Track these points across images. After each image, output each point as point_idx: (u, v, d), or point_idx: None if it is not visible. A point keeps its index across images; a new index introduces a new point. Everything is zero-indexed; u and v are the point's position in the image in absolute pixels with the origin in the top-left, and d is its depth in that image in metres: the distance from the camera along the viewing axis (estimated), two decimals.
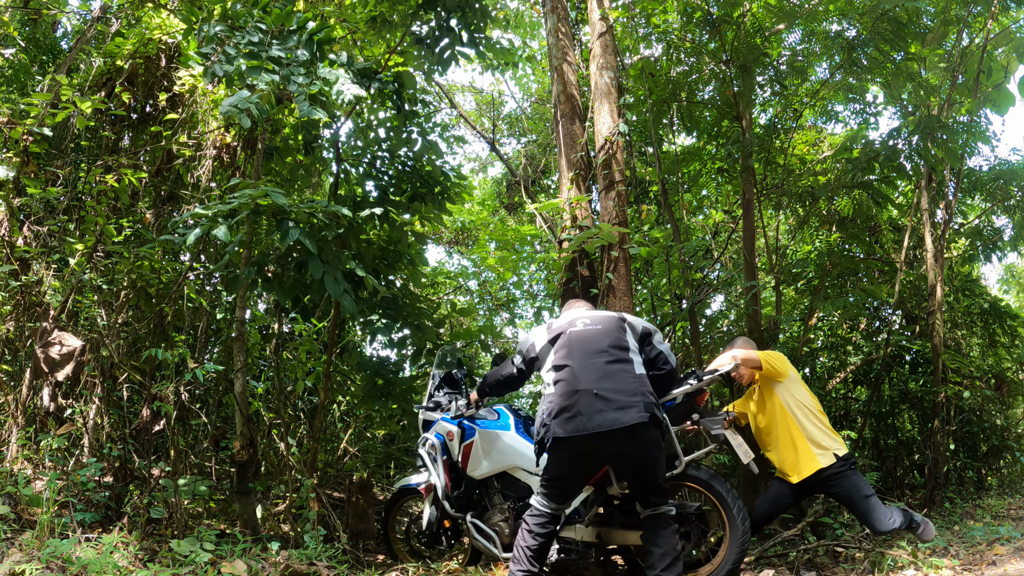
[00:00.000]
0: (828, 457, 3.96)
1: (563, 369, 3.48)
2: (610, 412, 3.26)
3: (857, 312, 7.38)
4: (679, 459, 3.70)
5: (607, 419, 3.25)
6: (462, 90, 12.32)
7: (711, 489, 3.72)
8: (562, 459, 3.42)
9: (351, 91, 4.01)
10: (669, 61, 6.84)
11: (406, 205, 5.19)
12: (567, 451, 3.38)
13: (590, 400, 3.31)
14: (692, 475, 3.76)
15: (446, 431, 4.41)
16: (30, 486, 3.89)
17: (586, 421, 3.27)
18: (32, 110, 5.10)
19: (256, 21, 4.19)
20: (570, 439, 3.30)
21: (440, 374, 4.78)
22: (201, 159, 5.74)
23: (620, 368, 3.44)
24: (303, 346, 5.97)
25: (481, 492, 4.33)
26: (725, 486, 3.72)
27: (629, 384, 3.37)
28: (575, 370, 3.43)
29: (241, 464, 4.60)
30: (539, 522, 3.47)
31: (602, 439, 3.27)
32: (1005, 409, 7.83)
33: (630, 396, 3.31)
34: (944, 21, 6.07)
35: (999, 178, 7.44)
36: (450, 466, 4.39)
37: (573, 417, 3.30)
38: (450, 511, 4.29)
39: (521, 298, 9.75)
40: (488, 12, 5.23)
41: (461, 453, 4.30)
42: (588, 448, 3.33)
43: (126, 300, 5.36)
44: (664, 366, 3.65)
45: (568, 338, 3.58)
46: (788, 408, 4.09)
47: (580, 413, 3.29)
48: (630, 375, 3.43)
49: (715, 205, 9.38)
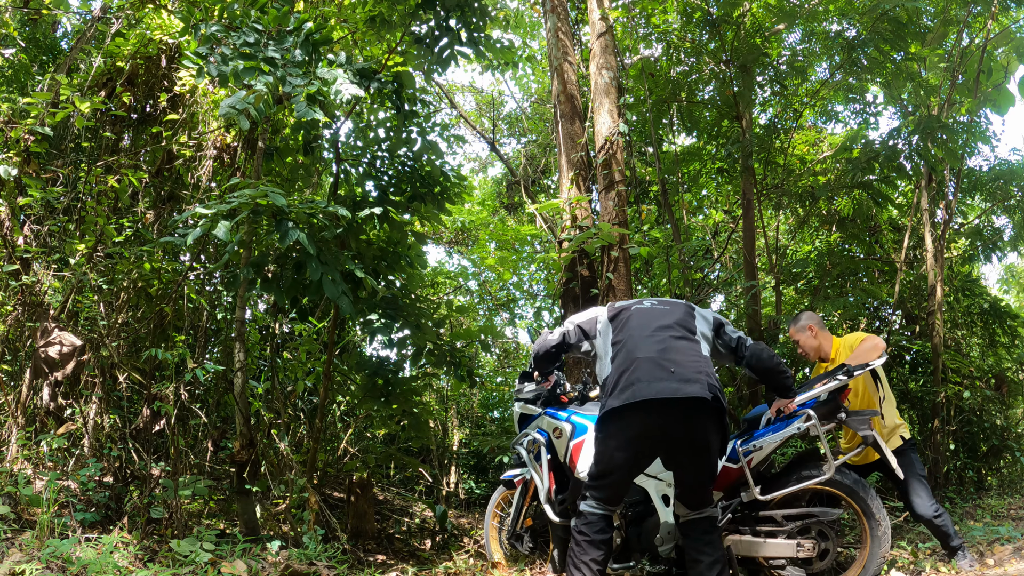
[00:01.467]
0: (896, 441, 3.94)
1: (620, 343, 3.21)
2: (673, 381, 2.94)
3: (857, 312, 7.38)
4: (829, 462, 3.40)
5: (667, 387, 2.92)
6: (462, 90, 12.32)
7: (855, 496, 3.46)
8: (613, 441, 3.08)
9: (350, 91, 4.01)
10: (669, 61, 6.84)
11: (406, 205, 5.19)
12: (620, 426, 3.04)
13: (649, 367, 3.00)
14: (837, 480, 3.45)
15: (552, 428, 3.99)
16: (30, 486, 3.89)
17: (645, 387, 2.94)
18: (32, 110, 5.11)
19: (253, 21, 4.19)
20: (624, 409, 2.98)
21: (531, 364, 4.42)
22: (201, 159, 5.74)
23: (686, 344, 3.15)
24: (303, 346, 5.97)
25: None
26: (870, 493, 3.46)
27: (694, 361, 3.07)
28: (636, 340, 3.15)
29: (241, 464, 4.60)
30: (596, 528, 3.11)
31: (660, 411, 2.95)
32: (1005, 409, 7.82)
33: (695, 372, 3.00)
34: (944, 21, 6.07)
35: (999, 178, 7.43)
36: (555, 466, 4.01)
37: (631, 385, 2.98)
38: (552, 516, 3.87)
39: (521, 298, 9.76)
40: (487, 11, 5.23)
41: (570, 452, 3.87)
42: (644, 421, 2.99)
43: (126, 300, 5.36)
44: (744, 351, 3.34)
45: (631, 313, 3.33)
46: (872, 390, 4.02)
47: (639, 379, 2.97)
48: (696, 353, 3.13)
49: (715, 205, 9.39)
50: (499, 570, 4.21)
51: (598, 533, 3.12)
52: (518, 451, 4.21)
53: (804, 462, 3.58)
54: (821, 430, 3.34)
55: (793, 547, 3.42)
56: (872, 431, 3.47)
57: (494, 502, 4.57)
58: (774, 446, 3.46)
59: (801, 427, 3.41)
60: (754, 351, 3.33)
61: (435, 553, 5.23)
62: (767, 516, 3.53)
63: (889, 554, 3.53)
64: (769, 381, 3.46)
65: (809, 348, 4.20)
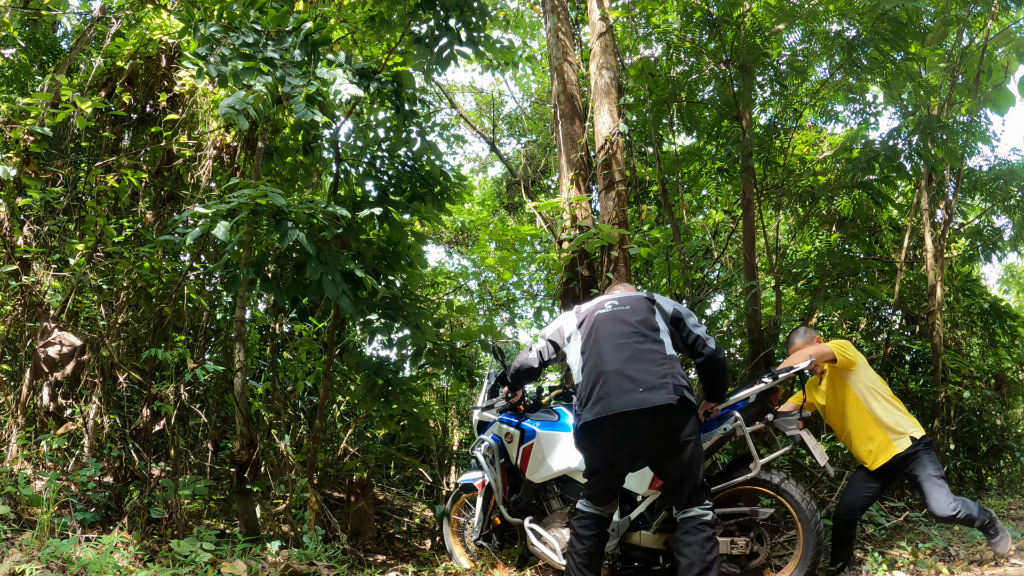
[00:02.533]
0: (904, 441, 3.88)
1: (588, 352, 3.33)
2: (636, 392, 3.09)
3: (857, 312, 7.38)
4: (754, 461, 3.55)
5: (634, 399, 3.08)
6: (462, 90, 12.32)
7: (784, 494, 3.56)
8: (593, 449, 3.28)
9: (349, 91, 4.01)
10: (669, 61, 6.84)
11: (406, 205, 5.19)
12: (595, 437, 3.22)
13: (617, 380, 3.15)
14: (764, 479, 3.59)
15: (504, 433, 4.21)
16: (30, 486, 3.90)
17: (613, 402, 3.10)
18: (32, 110, 5.11)
19: (252, 22, 4.19)
20: (597, 422, 3.14)
21: (496, 373, 4.55)
22: (201, 159, 5.74)
23: (648, 348, 3.25)
24: (303, 346, 5.97)
25: (540, 496, 4.16)
26: (799, 490, 3.56)
27: (657, 365, 3.18)
28: (601, 352, 3.27)
29: (241, 464, 4.60)
30: (584, 524, 3.31)
31: (629, 421, 3.10)
32: (1005, 409, 7.83)
33: (659, 377, 3.13)
34: (944, 21, 6.07)
35: (999, 178, 7.43)
36: (508, 469, 4.21)
37: (600, 399, 3.14)
38: (507, 516, 4.12)
39: (521, 298, 9.75)
40: (487, 11, 5.23)
41: (520, 456, 4.11)
42: (616, 432, 3.16)
43: (126, 300, 5.36)
44: (703, 350, 3.41)
45: (594, 320, 3.43)
46: (861, 396, 3.99)
47: (607, 394, 3.13)
48: (659, 356, 3.24)
49: (715, 205, 9.39)
50: (499, 570, 4.21)
51: (584, 528, 3.30)
52: (475, 456, 4.37)
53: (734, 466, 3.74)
54: (747, 431, 3.52)
55: (727, 544, 3.55)
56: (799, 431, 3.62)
57: (451, 507, 4.68)
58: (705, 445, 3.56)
59: (728, 428, 3.58)
60: (711, 355, 3.42)
61: (435, 553, 5.22)
62: None
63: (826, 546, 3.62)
64: (710, 385, 3.55)
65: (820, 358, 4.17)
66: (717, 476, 3.74)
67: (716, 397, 3.61)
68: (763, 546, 3.57)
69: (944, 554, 4.30)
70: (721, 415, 3.66)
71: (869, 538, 4.75)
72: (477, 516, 4.36)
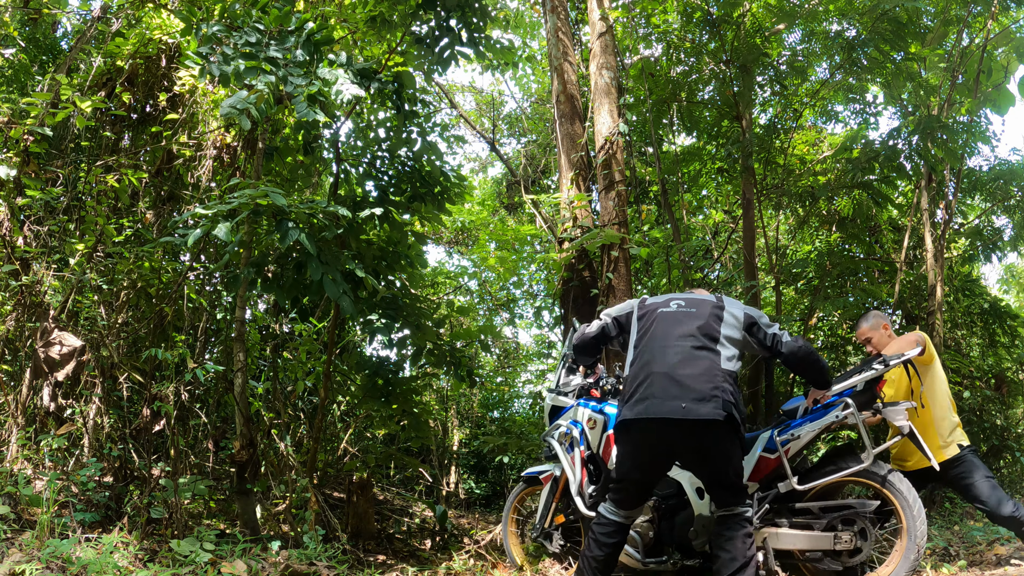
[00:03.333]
0: (952, 449, 3.78)
1: (641, 347, 3.21)
2: (684, 400, 2.94)
3: (857, 312, 7.38)
4: (867, 451, 3.34)
5: (678, 408, 2.93)
6: (462, 90, 12.33)
7: (890, 486, 3.37)
8: (627, 450, 3.14)
9: (350, 91, 4.01)
10: (669, 61, 6.84)
11: (406, 205, 5.19)
12: (632, 438, 3.09)
13: (664, 383, 3.00)
14: (871, 471, 3.39)
15: (587, 418, 3.94)
16: (30, 486, 3.89)
17: (658, 404, 2.96)
18: (32, 110, 5.10)
19: (254, 21, 4.19)
20: (636, 422, 3.01)
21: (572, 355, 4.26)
22: (201, 159, 5.74)
23: (704, 356, 3.09)
24: (303, 346, 5.97)
25: None
26: (906, 484, 3.37)
27: (710, 376, 3.02)
28: (654, 350, 3.14)
29: (241, 464, 4.60)
30: (606, 531, 3.17)
31: (671, 429, 2.97)
32: (1005, 409, 7.83)
33: (710, 389, 2.97)
34: (944, 21, 6.07)
35: (999, 178, 7.43)
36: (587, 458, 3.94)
37: (644, 399, 3.00)
38: (583, 510, 3.84)
39: (521, 298, 9.75)
40: (488, 12, 5.23)
41: (603, 444, 3.83)
42: (654, 437, 3.03)
43: (126, 300, 5.36)
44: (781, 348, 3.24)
45: (656, 316, 3.29)
46: (930, 394, 3.89)
47: (653, 396, 2.99)
48: (713, 366, 3.07)
49: (715, 205, 9.39)
50: (499, 570, 4.21)
51: (605, 536, 3.16)
52: (549, 443, 4.13)
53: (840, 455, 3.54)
54: (859, 418, 3.31)
55: (831, 539, 3.36)
56: (908, 422, 3.41)
57: (512, 501, 4.46)
58: (812, 435, 3.43)
59: (840, 415, 3.38)
60: (791, 349, 3.25)
61: (435, 553, 5.22)
62: (804, 508, 3.47)
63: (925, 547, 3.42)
64: (807, 375, 3.40)
65: (882, 347, 4.04)
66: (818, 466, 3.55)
67: (820, 384, 3.42)
68: (866, 542, 3.38)
69: (944, 554, 4.30)
70: (829, 402, 3.47)
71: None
72: (539, 511, 4.16)
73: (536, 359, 10.67)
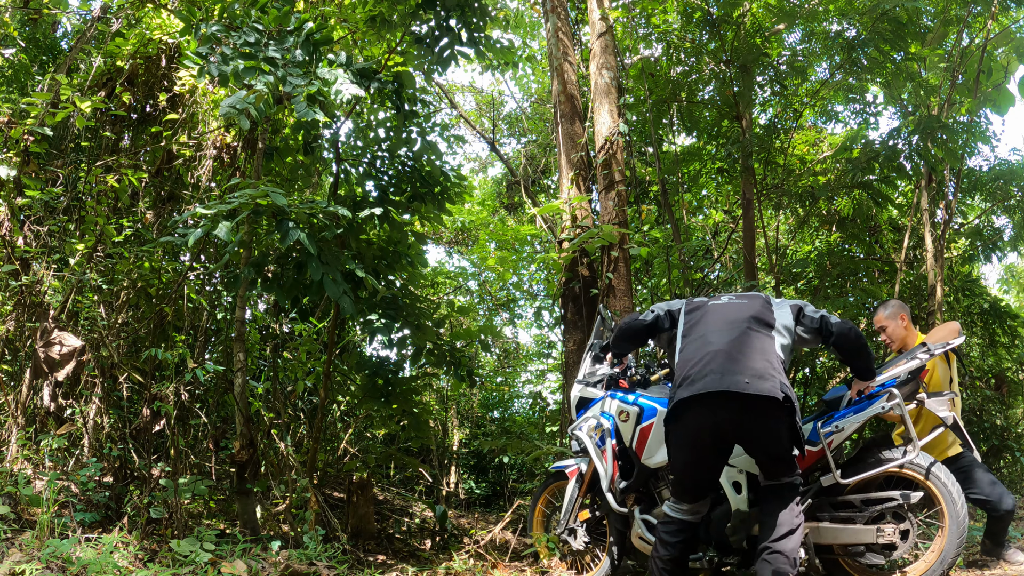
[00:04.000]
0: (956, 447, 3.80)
1: (693, 334, 3.16)
2: (744, 376, 2.86)
3: (857, 312, 7.38)
4: (914, 443, 3.22)
5: (739, 381, 2.85)
6: (462, 90, 12.32)
7: (933, 478, 3.27)
8: (684, 433, 3.03)
9: (350, 91, 4.01)
10: (669, 61, 6.84)
11: (406, 205, 5.20)
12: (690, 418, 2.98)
13: (723, 360, 2.94)
14: (916, 463, 3.28)
15: (619, 411, 3.80)
16: (30, 486, 3.89)
17: (718, 379, 2.87)
18: (32, 110, 5.10)
19: (253, 21, 4.19)
20: (696, 399, 2.90)
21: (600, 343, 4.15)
22: (201, 159, 5.74)
23: (759, 338, 3.07)
24: (303, 346, 5.97)
25: (650, 483, 3.77)
26: (950, 477, 3.27)
27: (766, 357, 2.99)
28: (706, 333, 3.11)
29: (241, 464, 4.60)
30: (670, 530, 3.12)
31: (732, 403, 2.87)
32: (1005, 409, 7.83)
33: (768, 368, 2.93)
34: (944, 21, 6.08)
35: (999, 178, 7.44)
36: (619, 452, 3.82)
37: (703, 376, 2.92)
38: (614, 505, 3.74)
39: (521, 298, 9.76)
40: (488, 11, 5.23)
41: (637, 437, 3.69)
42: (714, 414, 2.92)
43: (126, 300, 5.36)
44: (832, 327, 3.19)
45: (707, 307, 3.29)
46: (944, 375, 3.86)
47: (712, 371, 2.91)
48: (769, 349, 3.04)
49: (715, 205, 9.39)
50: (499, 570, 4.21)
51: (669, 534, 3.14)
52: (577, 437, 4.00)
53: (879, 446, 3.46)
54: (904, 410, 3.22)
55: (873, 532, 3.25)
56: (952, 412, 3.35)
57: (540, 497, 4.36)
58: (856, 426, 3.35)
59: (885, 407, 3.29)
60: (841, 330, 3.20)
61: (435, 553, 5.22)
62: (845, 501, 3.38)
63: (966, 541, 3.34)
64: (854, 361, 3.33)
65: (896, 337, 4.01)
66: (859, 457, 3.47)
67: (866, 374, 3.34)
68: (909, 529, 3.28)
69: None
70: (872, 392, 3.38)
71: None
72: (565, 508, 4.04)
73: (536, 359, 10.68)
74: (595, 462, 3.86)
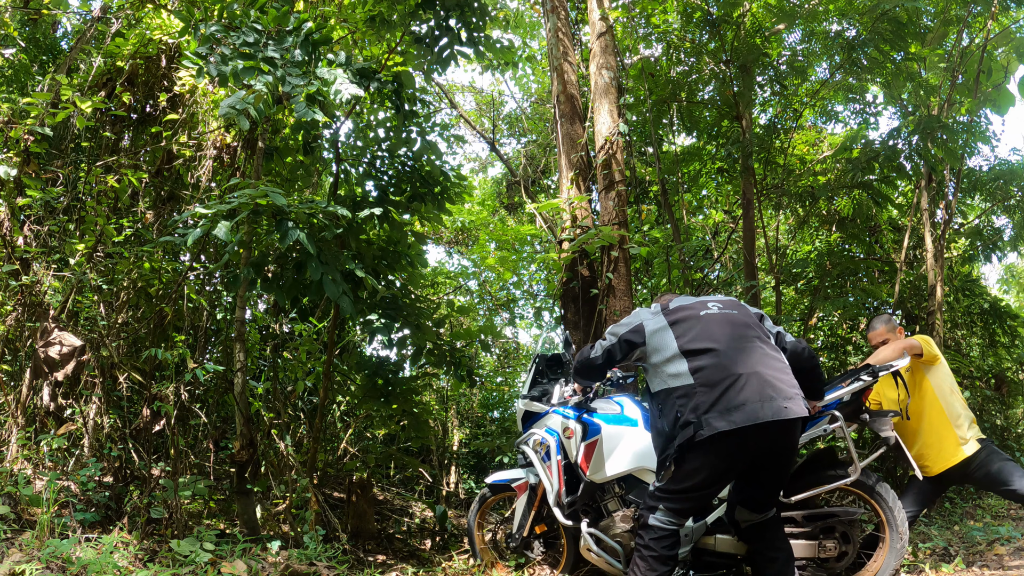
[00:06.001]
0: (973, 445, 3.76)
1: (706, 354, 2.94)
2: (780, 400, 2.79)
3: (857, 312, 7.38)
4: (854, 464, 3.30)
5: (778, 408, 2.76)
6: (462, 90, 12.32)
7: (878, 497, 3.41)
8: (715, 460, 2.88)
9: (349, 91, 4.01)
10: (669, 61, 6.84)
11: (406, 205, 5.20)
12: (727, 448, 2.84)
13: (759, 385, 2.81)
14: (860, 480, 3.39)
15: (563, 427, 3.82)
16: (30, 486, 3.89)
17: (759, 409, 2.75)
18: (32, 110, 5.11)
19: (252, 21, 4.19)
20: (737, 432, 2.76)
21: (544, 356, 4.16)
22: (201, 159, 5.74)
23: (774, 355, 2.98)
24: (303, 346, 5.97)
25: (597, 497, 3.79)
26: (891, 494, 3.41)
27: (787, 374, 2.93)
28: (727, 352, 2.92)
29: (241, 464, 4.60)
30: (666, 544, 2.96)
31: (768, 432, 2.79)
32: (1005, 409, 7.83)
33: (792, 387, 2.88)
34: (944, 21, 6.07)
35: (999, 178, 7.43)
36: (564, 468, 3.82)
37: (741, 405, 2.77)
38: (563, 520, 3.76)
39: (521, 298, 9.76)
40: (487, 11, 5.23)
41: (582, 453, 3.72)
42: (751, 443, 2.83)
43: (126, 300, 5.36)
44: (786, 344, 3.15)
45: (703, 320, 3.08)
46: (940, 393, 3.84)
47: (750, 400, 2.78)
48: (784, 364, 2.99)
49: (715, 205, 9.39)
50: (498, 570, 4.21)
51: (667, 549, 2.97)
52: (523, 451, 4.01)
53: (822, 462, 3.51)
54: (848, 431, 3.28)
55: (815, 548, 3.36)
56: (893, 433, 3.39)
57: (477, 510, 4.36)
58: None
59: (827, 428, 3.35)
60: (795, 348, 3.16)
61: (435, 553, 5.22)
62: (787, 517, 3.44)
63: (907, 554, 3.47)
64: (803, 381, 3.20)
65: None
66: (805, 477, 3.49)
67: (814, 394, 3.26)
68: (850, 544, 3.39)
69: (944, 554, 4.30)
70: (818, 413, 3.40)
71: None
72: (517, 521, 4.04)
73: None
74: (542, 478, 3.87)
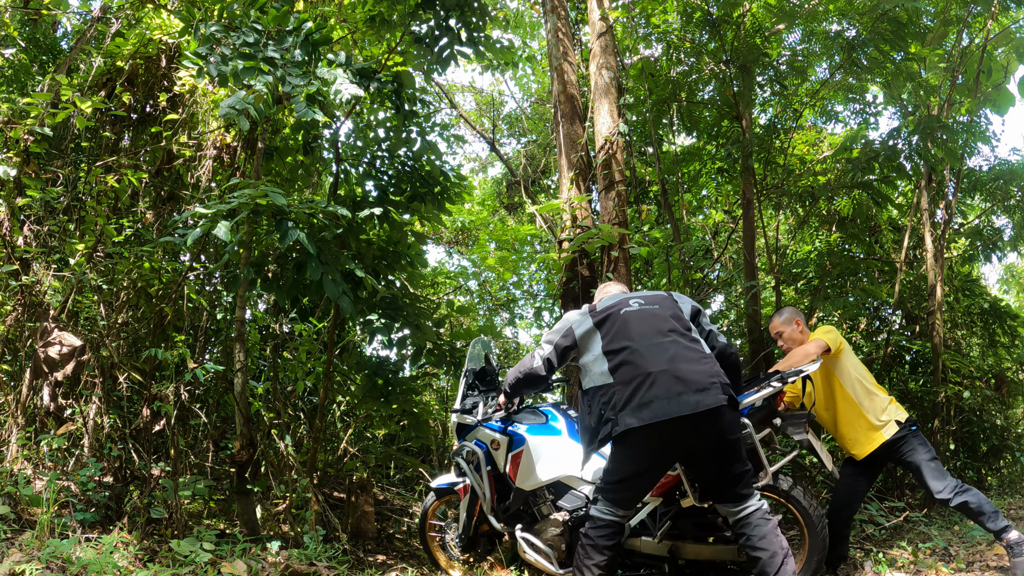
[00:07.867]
0: (891, 427, 3.83)
1: (622, 352, 3.04)
2: (690, 394, 2.86)
3: (857, 312, 7.37)
4: (764, 470, 3.38)
5: (689, 402, 2.85)
6: (462, 90, 12.32)
7: (792, 500, 3.50)
8: (635, 455, 3.01)
9: (349, 91, 4.01)
10: (669, 61, 6.84)
11: (406, 205, 5.20)
12: (642, 443, 2.96)
13: (668, 382, 2.90)
14: (773, 486, 3.49)
15: (490, 439, 4.00)
16: (30, 486, 3.90)
17: (666, 406, 2.85)
18: (32, 110, 5.11)
19: (252, 21, 4.19)
20: (647, 428, 2.87)
21: (473, 370, 4.35)
22: (201, 159, 5.74)
23: (690, 347, 3.05)
24: (303, 346, 5.97)
25: (529, 502, 3.93)
26: (807, 497, 3.51)
27: (703, 364, 3.00)
28: (640, 351, 3.01)
29: (241, 464, 4.60)
30: (604, 534, 3.07)
31: (681, 426, 2.87)
32: (1005, 409, 7.82)
33: (707, 377, 2.93)
34: (944, 21, 6.07)
35: (999, 178, 7.43)
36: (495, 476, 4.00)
37: (649, 403, 2.88)
38: (496, 525, 3.94)
39: (521, 298, 9.76)
40: (487, 11, 5.23)
41: (509, 463, 3.90)
42: (667, 438, 2.93)
43: (126, 300, 5.36)
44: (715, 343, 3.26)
45: (622, 319, 3.16)
46: (849, 385, 3.92)
47: (657, 397, 2.87)
48: (701, 354, 3.06)
49: (715, 205, 9.39)
50: (498, 570, 4.21)
51: (604, 538, 3.07)
52: (457, 462, 4.17)
53: None
54: (756, 438, 3.34)
55: (735, 551, 3.44)
56: (805, 435, 3.50)
57: (427, 511, 4.52)
58: None
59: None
60: (723, 350, 3.26)
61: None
62: (708, 522, 3.51)
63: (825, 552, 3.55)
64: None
65: (794, 343, 4.11)
66: None
67: None
68: None
69: (944, 554, 4.30)
70: None
71: (869, 538, 4.75)
72: (462, 523, 4.21)
73: None
74: (475, 487, 4.05)
